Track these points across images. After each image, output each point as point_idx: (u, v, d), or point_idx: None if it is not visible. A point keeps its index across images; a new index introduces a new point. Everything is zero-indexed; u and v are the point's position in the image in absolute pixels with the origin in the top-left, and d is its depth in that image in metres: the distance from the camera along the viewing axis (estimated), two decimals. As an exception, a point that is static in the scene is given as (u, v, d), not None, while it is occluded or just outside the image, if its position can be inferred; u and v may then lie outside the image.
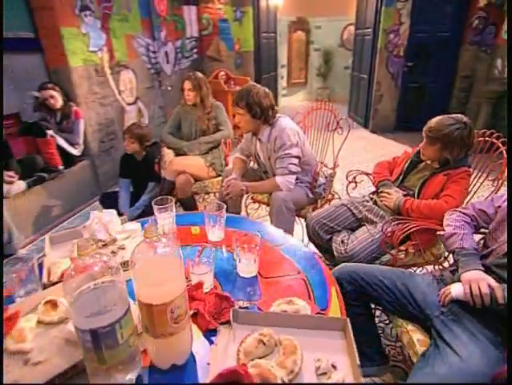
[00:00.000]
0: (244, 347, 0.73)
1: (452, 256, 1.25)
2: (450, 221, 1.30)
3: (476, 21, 4.15)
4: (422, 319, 1.19)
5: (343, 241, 1.61)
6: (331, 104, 2.41)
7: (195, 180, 2.53)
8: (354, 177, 1.99)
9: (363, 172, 1.98)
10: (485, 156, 1.63)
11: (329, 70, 7.58)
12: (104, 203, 2.71)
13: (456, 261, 1.20)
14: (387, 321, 1.63)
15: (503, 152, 1.51)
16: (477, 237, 1.32)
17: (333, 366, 0.71)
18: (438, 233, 1.33)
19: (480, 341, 1.01)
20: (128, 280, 0.66)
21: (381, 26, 4.52)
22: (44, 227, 2.67)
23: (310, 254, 1.11)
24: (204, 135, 2.64)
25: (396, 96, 4.86)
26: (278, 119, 1.97)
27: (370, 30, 4.75)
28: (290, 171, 1.90)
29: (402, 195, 1.66)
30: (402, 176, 1.74)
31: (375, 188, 1.84)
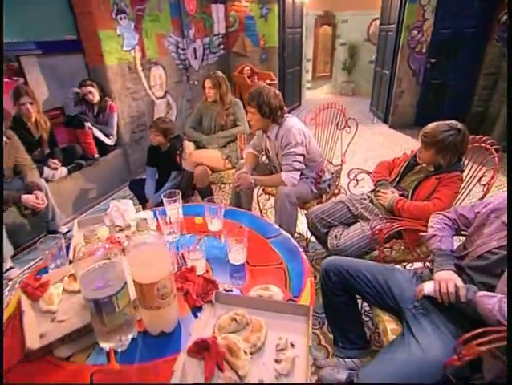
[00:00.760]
0: (219, 323, 0.84)
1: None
2: (433, 223, 1.32)
3: (504, 16, 3.87)
4: (397, 311, 1.24)
5: (336, 236, 1.67)
6: (341, 105, 2.40)
7: (212, 172, 2.65)
8: (355, 175, 2.02)
9: (363, 171, 2.00)
10: (478, 161, 1.61)
11: (354, 64, 7.36)
12: (133, 189, 2.91)
13: (433, 261, 1.24)
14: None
15: (495, 159, 1.49)
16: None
17: (291, 344, 0.80)
18: (420, 234, 1.36)
19: (442, 333, 1.06)
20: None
21: (404, 23, 4.33)
22: (82, 207, 2.92)
23: (294, 248, 1.20)
24: (222, 129, 2.73)
25: (417, 93, 4.68)
26: (286, 118, 2.02)
27: (393, 27, 4.56)
28: (294, 168, 1.96)
29: (397, 195, 1.69)
30: (399, 177, 1.75)
31: (374, 187, 1.87)
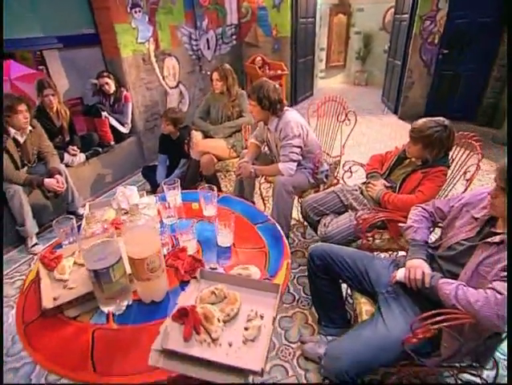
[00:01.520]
0: (200, 295, 0.96)
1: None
2: (411, 215, 1.39)
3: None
4: (372, 294, 1.33)
5: (325, 224, 1.75)
6: (342, 98, 2.42)
7: (218, 160, 2.75)
8: (349, 167, 2.07)
9: (357, 163, 2.05)
10: (464, 156, 1.63)
11: (368, 53, 7.17)
12: (145, 174, 3.07)
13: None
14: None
15: (479, 155, 1.51)
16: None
17: (261, 316, 0.91)
18: (399, 225, 1.42)
19: (408, 315, 1.15)
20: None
21: (418, 12, 4.19)
22: (98, 191, 3.10)
23: (278, 234, 1.29)
24: (228, 120, 2.81)
25: (428, 84, 4.57)
26: (285, 112, 2.08)
27: (407, 16, 4.43)
28: (290, 159, 2.03)
29: (385, 187, 1.74)
30: (389, 170, 1.80)
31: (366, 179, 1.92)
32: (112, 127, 3.09)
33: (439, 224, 1.36)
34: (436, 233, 1.47)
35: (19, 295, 1.07)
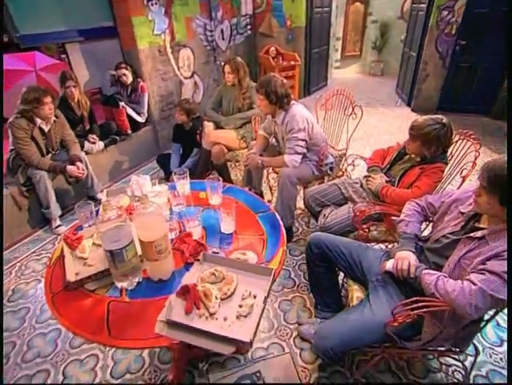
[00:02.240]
0: (202, 276, 1.07)
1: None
2: (405, 209, 1.44)
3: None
4: (364, 282, 1.41)
5: (325, 215, 1.82)
6: (349, 92, 2.44)
7: (228, 150, 2.83)
8: (353, 160, 2.11)
9: (359, 157, 2.09)
10: (461, 154, 1.65)
11: (385, 43, 6.98)
12: (160, 162, 3.19)
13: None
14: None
15: (475, 153, 1.54)
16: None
17: (254, 296, 1.01)
18: (392, 218, 1.48)
19: (394, 302, 1.22)
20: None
21: (435, 2, 4.06)
22: (116, 177, 3.26)
23: (276, 222, 1.38)
24: (239, 111, 2.87)
25: (442, 76, 4.45)
26: (292, 106, 2.13)
27: (424, 6, 4.29)
28: (295, 151, 2.09)
29: (385, 181, 1.79)
30: (389, 165, 1.84)
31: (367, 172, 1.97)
32: (129, 116, 3.21)
33: (430, 218, 1.41)
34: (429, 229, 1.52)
35: (47, 269, 1.21)
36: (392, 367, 1.48)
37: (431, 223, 1.45)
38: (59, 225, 2.52)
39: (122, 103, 3.09)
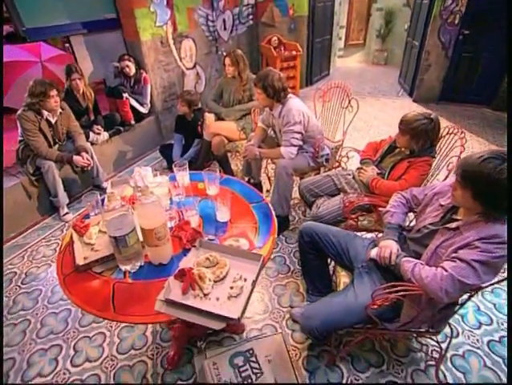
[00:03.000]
0: (197, 260, 1.16)
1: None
2: (391, 201, 1.52)
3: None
4: (350, 268, 1.50)
5: (317, 205, 1.91)
6: (346, 85, 2.48)
7: (228, 141, 2.90)
8: (346, 153, 2.18)
9: (353, 149, 2.15)
10: (448, 148, 1.71)
11: (389, 31, 6.88)
12: (162, 152, 3.28)
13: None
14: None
15: (461, 148, 1.60)
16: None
17: (244, 279, 1.11)
18: (379, 209, 1.56)
19: (376, 286, 1.31)
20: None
21: (439, -9, 4.01)
22: (120, 167, 3.35)
23: (269, 212, 1.46)
24: (239, 103, 2.93)
25: (445, 66, 4.42)
26: (289, 99, 2.18)
27: (428, -5, 4.24)
28: (291, 144, 2.16)
29: (376, 174, 1.86)
30: (380, 158, 1.91)
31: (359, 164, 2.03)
32: (133, 107, 3.28)
33: (415, 209, 1.49)
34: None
35: (58, 254, 1.32)
36: (377, 347, 1.59)
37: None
38: (67, 213, 2.64)
39: (125, 95, 3.16)
